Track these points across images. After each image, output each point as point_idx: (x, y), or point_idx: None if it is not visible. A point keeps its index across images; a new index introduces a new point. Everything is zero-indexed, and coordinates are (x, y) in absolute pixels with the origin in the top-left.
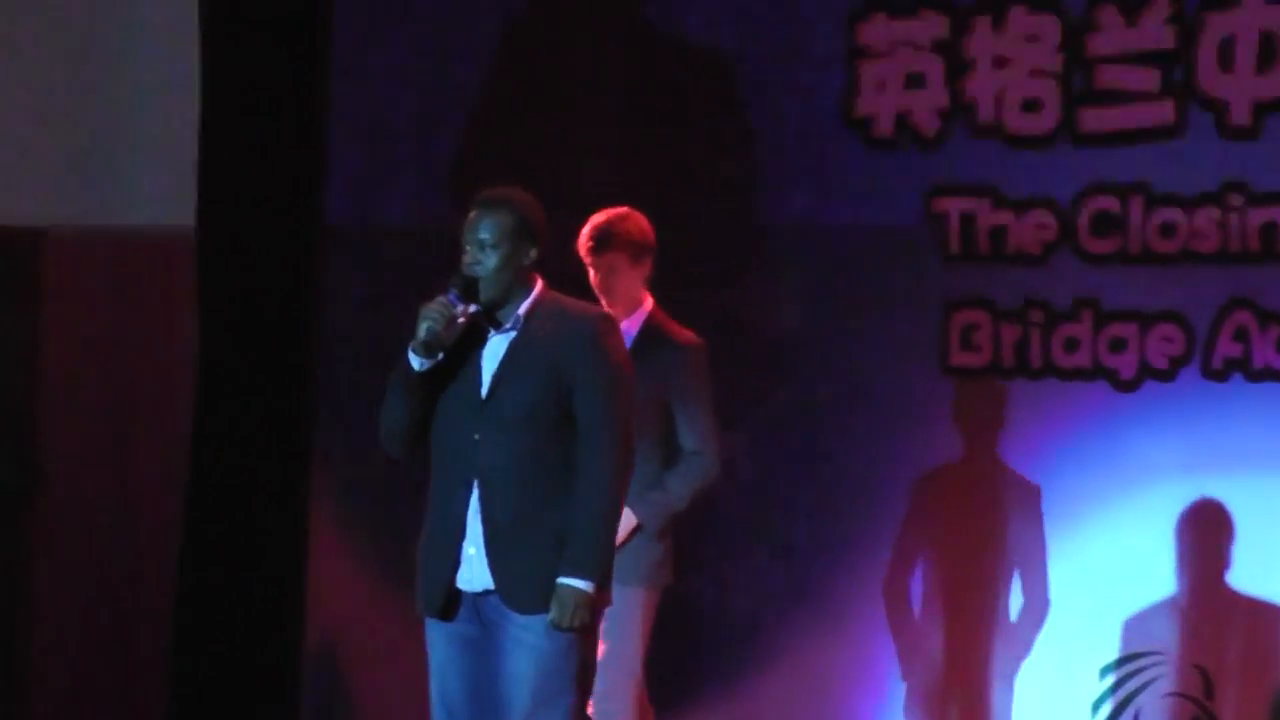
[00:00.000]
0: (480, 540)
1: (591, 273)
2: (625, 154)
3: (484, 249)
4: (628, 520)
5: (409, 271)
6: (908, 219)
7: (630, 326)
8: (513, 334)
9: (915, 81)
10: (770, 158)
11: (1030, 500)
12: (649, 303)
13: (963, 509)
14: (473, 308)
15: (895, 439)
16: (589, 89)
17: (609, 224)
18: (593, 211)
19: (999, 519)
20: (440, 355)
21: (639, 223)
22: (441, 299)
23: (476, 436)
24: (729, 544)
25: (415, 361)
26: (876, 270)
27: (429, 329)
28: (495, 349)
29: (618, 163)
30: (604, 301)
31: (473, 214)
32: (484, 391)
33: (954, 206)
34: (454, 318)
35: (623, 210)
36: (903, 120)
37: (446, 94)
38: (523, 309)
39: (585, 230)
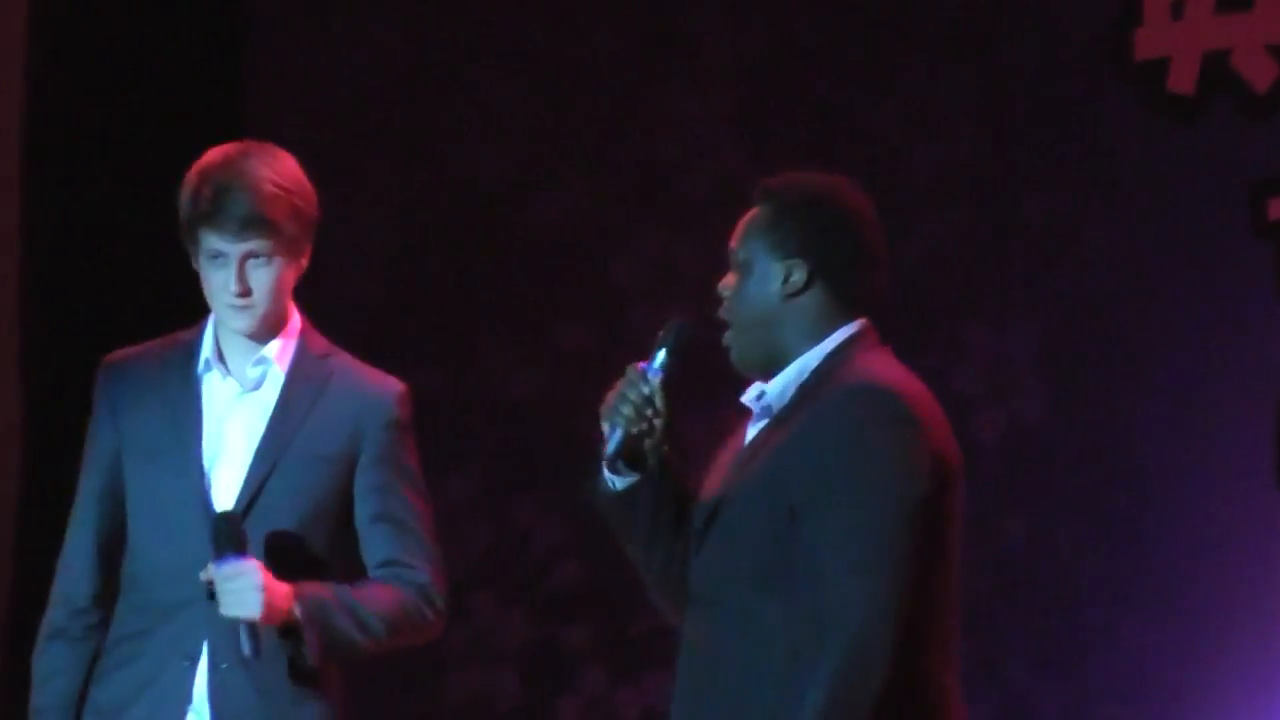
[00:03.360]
0: None
1: (218, 270)
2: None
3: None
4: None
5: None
6: (1226, 230)
7: (279, 359)
8: (764, 420)
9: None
10: (1003, 137)
11: None
12: (297, 321)
13: None
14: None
15: (1215, 592)
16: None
17: (277, 180)
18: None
19: None
20: (654, 459)
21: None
22: (638, 374)
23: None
24: None
25: (617, 480)
26: (1176, 315)
27: (620, 437)
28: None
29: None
30: (242, 324)
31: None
32: (705, 509)
33: None
34: (649, 403)
35: (274, 150)
36: (1215, 65)
37: None
38: (796, 376)
39: (220, 182)
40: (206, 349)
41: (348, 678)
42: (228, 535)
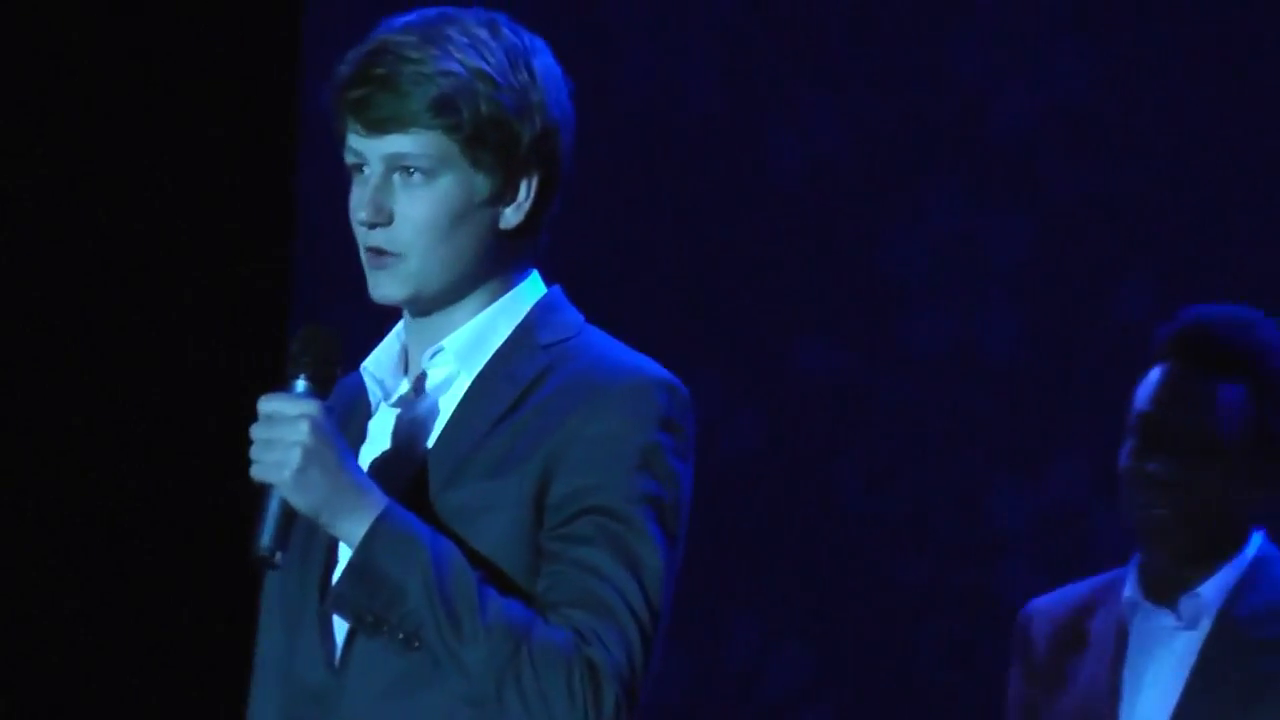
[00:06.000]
0: None
1: (356, 189)
2: None
3: None
4: None
5: None
6: None
7: (465, 350)
8: None
9: None
10: None
11: None
12: (530, 291)
13: None
14: None
15: None
16: None
17: (465, 57)
18: None
19: None
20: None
21: None
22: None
23: None
24: None
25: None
26: None
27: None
28: None
29: None
30: (382, 285)
31: None
32: None
33: None
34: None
35: (493, 18)
36: None
37: None
38: None
39: (371, 47)
40: (390, 346)
41: None
42: (304, 354)
